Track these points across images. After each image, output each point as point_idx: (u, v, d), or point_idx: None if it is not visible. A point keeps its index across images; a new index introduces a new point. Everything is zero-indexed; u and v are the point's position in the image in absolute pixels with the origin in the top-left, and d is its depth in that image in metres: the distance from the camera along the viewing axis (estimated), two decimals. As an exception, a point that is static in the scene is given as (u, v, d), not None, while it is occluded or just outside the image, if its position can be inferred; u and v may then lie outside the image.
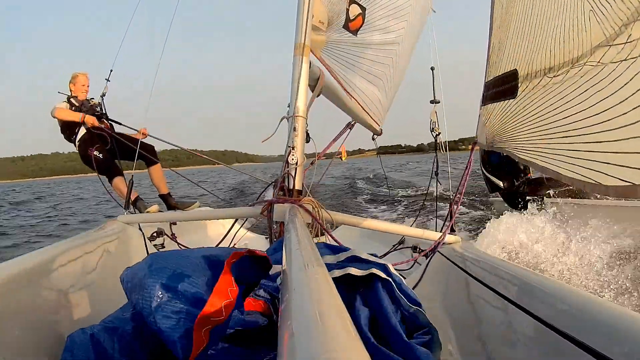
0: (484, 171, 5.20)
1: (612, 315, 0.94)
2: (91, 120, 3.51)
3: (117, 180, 3.49)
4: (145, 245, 2.34)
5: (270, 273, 1.23)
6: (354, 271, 1.21)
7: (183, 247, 2.84)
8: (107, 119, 3.73)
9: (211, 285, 0.97)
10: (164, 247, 2.69)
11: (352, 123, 2.88)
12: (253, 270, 1.07)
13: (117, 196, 3.49)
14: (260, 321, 1.18)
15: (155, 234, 2.70)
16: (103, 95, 3.74)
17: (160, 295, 0.95)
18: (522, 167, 4.72)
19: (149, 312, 0.95)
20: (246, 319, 1.14)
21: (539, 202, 3.94)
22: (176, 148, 4.28)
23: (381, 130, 3.27)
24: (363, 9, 2.62)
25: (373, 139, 3.42)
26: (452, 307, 1.77)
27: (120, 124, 3.77)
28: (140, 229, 2.42)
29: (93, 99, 3.78)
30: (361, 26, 2.63)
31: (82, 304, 1.43)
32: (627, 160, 0.97)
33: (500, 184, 4.93)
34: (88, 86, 3.75)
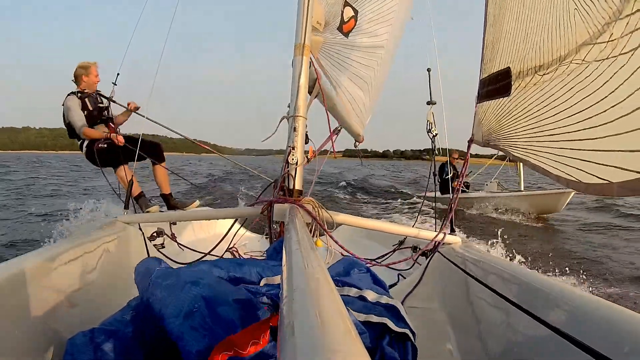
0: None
1: (612, 315, 0.96)
2: (118, 139, 3.44)
3: (121, 169, 3.46)
4: (145, 245, 2.34)
5: (277, 282, 1.24)
6: (391, 325, 1.19)
7: (183, 247, 2.85)
8: (114, 123, 3.69)
9: (246, 321, 0.99)
10: (163, 246, 2.69)
11: (338, 128, 2.85)
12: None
13: (121, 193, 3.46)
14: None
15: (155, 234, 2.70)
16: (110, 98, 3.68)
17: (198, 306, 0.97)
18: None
19: (176, 314, 0.96)
20: None
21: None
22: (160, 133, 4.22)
23: (363, 137, 3.19)
24: (356, 11, 2.61)
25: (355, 146, 3.31)
26: (452, 307, 1.78)
27: (114, 101, 3.70)
28: (140, 228, 2.42)
29: (99, 91, 3.70)
30: (353, 29, 2.62)
31: (82, 304, 1.44)
32: (605, 159, 0.99)
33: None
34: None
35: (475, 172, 11.86)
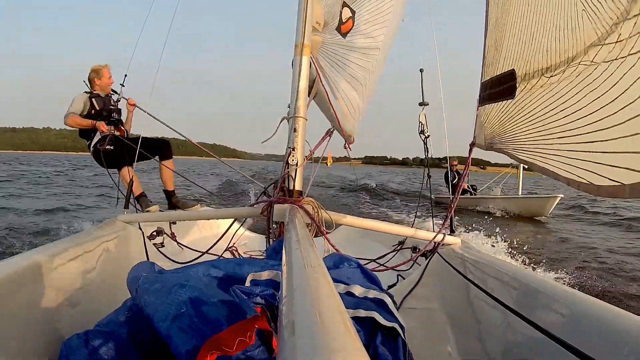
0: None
1: (609, 317, 0.95)
2: (102, 127, 3.50)
3: (125, 171, 3.48)
4: (145, 245, 2.34)
5: (263, 278, 1.23)
6: (379, 319, 1.17)
7: (182, 247, 2.84)
8: (123, 124, 3.75)
9: (233, 320, 0.99)
10: (163, 246, 2.68)
11: (331, 130, 2.82)
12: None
13: (124, 192, 3.48)
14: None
15: (155, 233, 2.70)
16: (118, 100, 3.73)
17: (185, 309, 0.98)
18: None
19: (164, 318, 0.97)
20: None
21: None
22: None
23: (354, 138, 3.15)
24: (353, 12, 2.61)
25: (345, 147, 3.24)
26: (451, 307, 1.77)
27: (117, 93, 3.73)
28: (140, 228, 2.42)
29: (114, 92, 3.75)
30: (351, 29, 2.62)
31: (81, 303, 1.44)
32: (617, 160, 0.98)
33: None
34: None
35: (491, 179, 13.69)
